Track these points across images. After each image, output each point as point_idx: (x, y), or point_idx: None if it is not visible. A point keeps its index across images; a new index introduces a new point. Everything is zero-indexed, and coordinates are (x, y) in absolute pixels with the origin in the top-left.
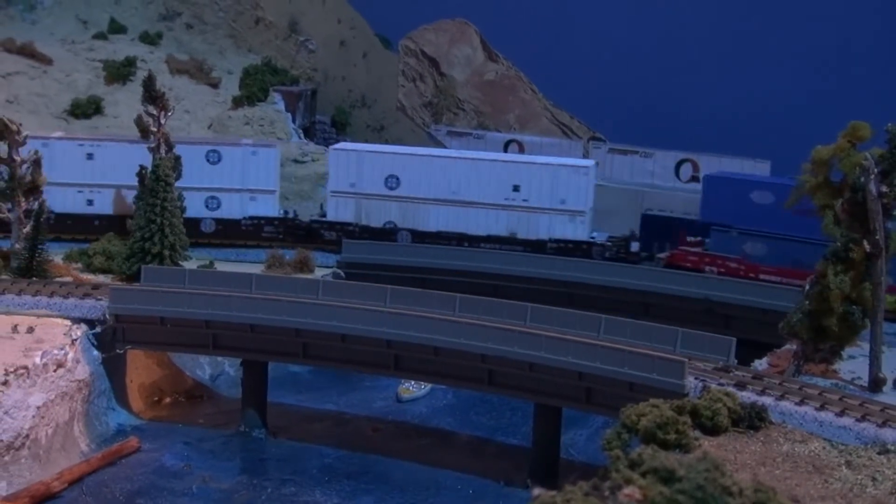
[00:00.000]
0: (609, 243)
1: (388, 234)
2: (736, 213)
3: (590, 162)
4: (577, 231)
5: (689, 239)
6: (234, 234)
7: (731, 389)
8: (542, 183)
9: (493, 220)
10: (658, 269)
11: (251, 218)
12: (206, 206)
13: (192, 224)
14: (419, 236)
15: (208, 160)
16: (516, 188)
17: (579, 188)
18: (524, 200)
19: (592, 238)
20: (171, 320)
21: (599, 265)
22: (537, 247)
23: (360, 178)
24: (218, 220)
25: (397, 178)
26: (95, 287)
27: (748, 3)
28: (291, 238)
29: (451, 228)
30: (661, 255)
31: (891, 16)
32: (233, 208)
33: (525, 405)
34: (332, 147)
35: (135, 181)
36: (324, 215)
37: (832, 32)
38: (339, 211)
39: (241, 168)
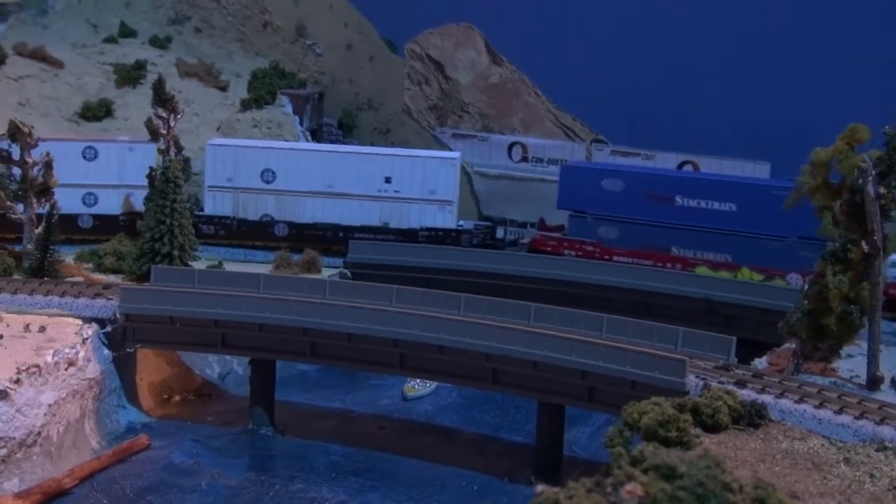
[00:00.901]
0: (476, 230)
1: (265, 226)
2: (590, 199)
3: (456, 154)
4: (446, 220)
5: (549, 225)
6: (111, 229)
7: (731, 388)
8: (412, 174)
9: (367, 211)
10: (660, 270)
11: (127, 214)
12: (84, 203)
13: (69, 220)
14: (296, 227)
15: (84, 157)
16: (388, 180)
17: (448, 179)
18: (396, 191)
19: (460, 226)
20: (180, 319)
21: (602, 266)
22: (409, 235)
23: (237, 172)
24: (95, 216)
25: (273, 172)
26: (106, 287)
27: (750, 9)
28: None
29: (326, 220)
30: (524, 241)
31: (888, 21)
32: (110, 204)
33: (528, 403)
34: (208, 143)
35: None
36: (202, 210)
37: (831, 38)
38: (217, 205)
39: (118, 164)
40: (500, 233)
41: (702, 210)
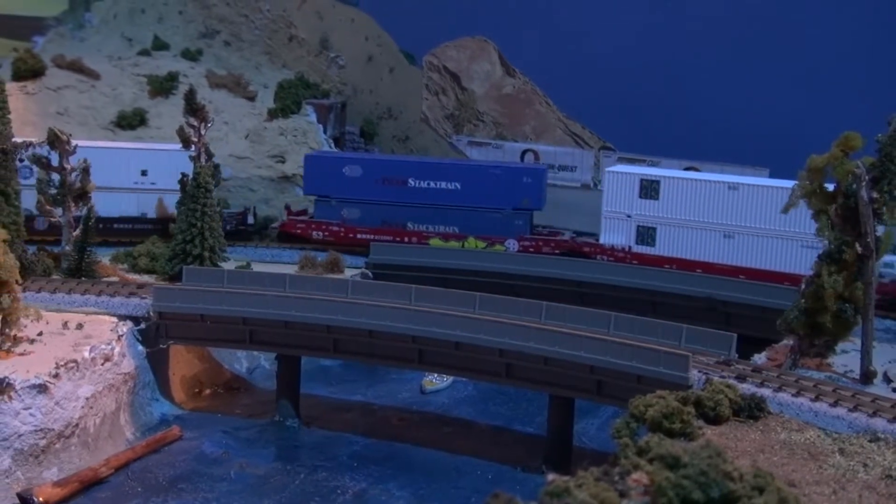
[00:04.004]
0: (227, 217)
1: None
2: (333, 185)
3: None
4: None
5: (295, 210)
6: None
7: (732, 382)
8: (167, 167)
9: (125, 202)
10: (665, 271)
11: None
12: None
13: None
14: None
15: None
16: (144, 173)
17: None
18: (152, 183)
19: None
20: (210, 317)
21: (610, 266)
22: (166, 223)
23: None
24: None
25: None
26: (140, 286)
27: (751, 23)
28: None
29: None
30: (275, 225)
31: (882, 33)
32: None
33: (540, 396)
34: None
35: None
36: None
37: (827, 50)
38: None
39: None
40: (250, 219)
41: (431, 189)
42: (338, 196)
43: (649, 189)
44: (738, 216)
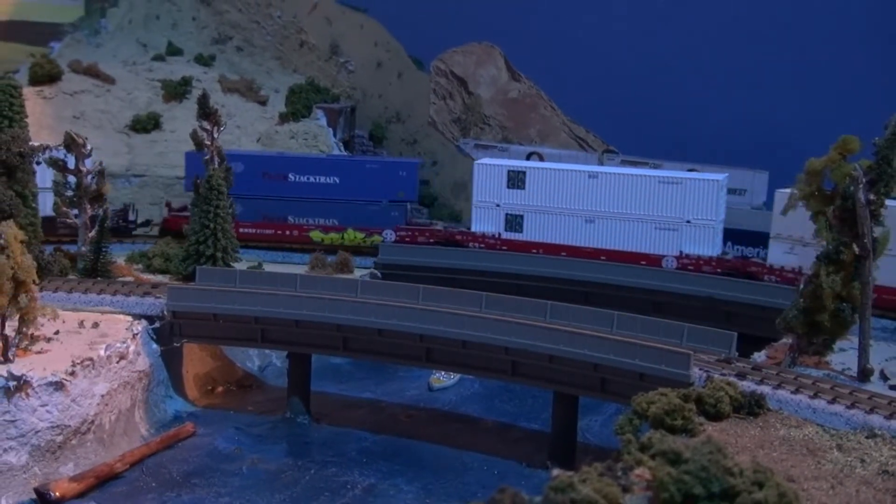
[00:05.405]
0: (112, 214)
1: None
2: None
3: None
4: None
5: (176, 206)
6: None
7: (732, 379)
8: None
9: None
10: (666, 271)
11: None
12: None
13: None
14: None
15: None
16: None
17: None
18: None
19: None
20: (223, 316)
21: (613, 267)
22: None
23: None
24: None
25: None
26: (154, 286)
27: (751, 30)
28: None
29: None
30: (156, 223)
31: (880, 38)
32: None
33: (545, 393)
34: None
35: None
36: None
37: (826, 56)
38: None
39: None
40: (131, 216)
41: (311, 184)
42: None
43: (516, 180)
44: (598, 202)
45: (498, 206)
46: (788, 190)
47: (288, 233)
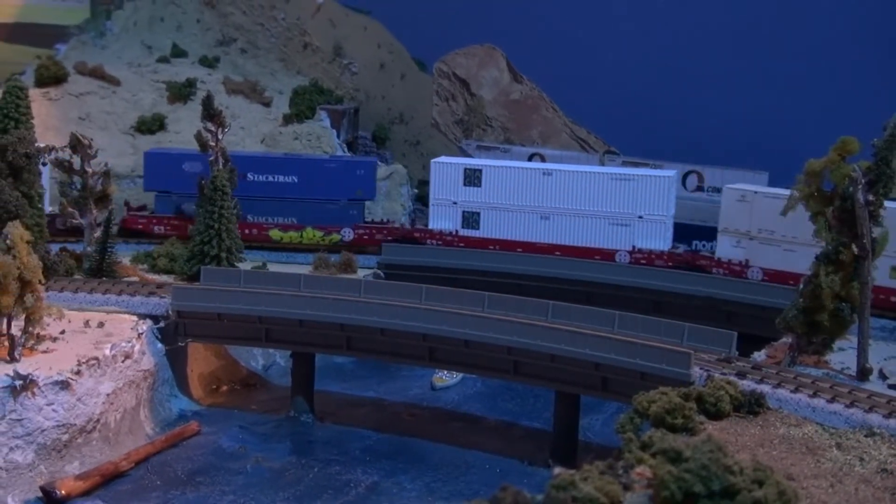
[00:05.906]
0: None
1: None
2: (173, 181)
3: None
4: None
5: (135, 206)
6: None
7: (732, 378)
8: None
9: None
10: (668, 271)
11: None
12: None
13: None
14: None
15: None
16: None
17: None
18: None
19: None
20: (227, 316)
21: (615, 267)
22: None
23: None
24: None
25: None
26: (159, 286)
27: (751, 31)
28: None
29: None
30: (116, 223)
31: (880, 40)
32: None
33: (546, 392)
34: None
35: None
36: None
37: (826, 57)
38: None
39: None
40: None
41: (270, 183)
42: (178, 191)
43: (472, 177)
44: (552, 199)
45: (455, 203)
46: (737, 186)
47: (247, 231)
